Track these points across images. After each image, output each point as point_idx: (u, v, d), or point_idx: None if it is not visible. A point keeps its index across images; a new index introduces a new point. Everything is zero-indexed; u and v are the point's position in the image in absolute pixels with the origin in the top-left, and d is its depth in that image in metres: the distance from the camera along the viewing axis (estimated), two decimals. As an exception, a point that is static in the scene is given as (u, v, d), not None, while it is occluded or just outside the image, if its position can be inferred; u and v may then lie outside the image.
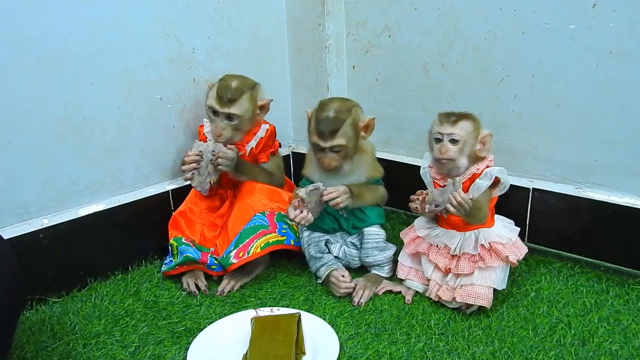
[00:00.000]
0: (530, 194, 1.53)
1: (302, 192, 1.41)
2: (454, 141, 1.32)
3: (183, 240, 1.53)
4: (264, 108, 1.59)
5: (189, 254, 1.48)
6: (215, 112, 1.53)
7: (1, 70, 1.31)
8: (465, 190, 1.31)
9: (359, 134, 1.46)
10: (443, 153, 1.32)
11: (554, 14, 1.41)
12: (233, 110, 1.51)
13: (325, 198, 1.41)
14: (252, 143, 1.59)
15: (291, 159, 1.99)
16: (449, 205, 1.28)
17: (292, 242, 1.51)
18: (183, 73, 1.65)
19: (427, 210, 1.35)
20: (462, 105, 1.61)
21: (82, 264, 1.49)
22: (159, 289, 1.49)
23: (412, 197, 1.38)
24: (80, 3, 1.40)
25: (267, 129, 1.61)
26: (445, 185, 1.32)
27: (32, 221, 1.42)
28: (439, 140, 1.34)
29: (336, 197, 1.40)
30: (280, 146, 1.68)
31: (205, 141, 1.54)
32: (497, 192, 1.37)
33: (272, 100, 1.60)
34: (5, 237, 1.19)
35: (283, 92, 1.96)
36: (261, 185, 1.57)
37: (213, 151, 1.49)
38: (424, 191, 1.37)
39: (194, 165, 1.48)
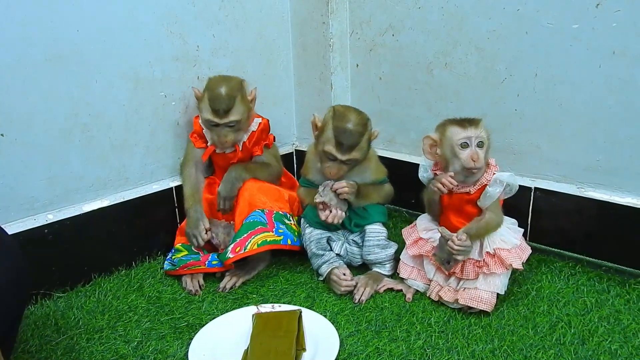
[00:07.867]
0: (532, 193, 1.54)
1: (318, 198, 1.46)
2: (481, 144, 1.30)
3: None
4: (254, 99, 1.60)
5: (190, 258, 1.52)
6: (215, 125, 1.53)
7: (9, 68, 1.32)
8: (478, 196, 1.32)
9: (370, 146, 1.48)
10: (476, 161, 1.28)
11: (558, 13, 1.41)
12: (232, 117, 1.51)
13: (335, 186, 1.44)
14: (244, 137, 1.59)
15: (294, 156, 2.00)
16: (457, 257, 1.30)
17: (290, 242, 1.51)
18: (188, 71, 1.66)
19: (445, 270, 1.36)
20: (465, 104, 1.62)
21: (87, 260, 1.51)
22: (162, 285, 1.50)
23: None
24: (86, 1, 1.41)
25: (260, 123, 1.61)
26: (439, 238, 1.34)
27: (38, 216, 1.43)
28: (465, 146, 1.30)
29: (344, 187, 1.43)
30: (274, 140, 1.68)
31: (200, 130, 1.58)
32: (504, 196, 1.34)
33: (255, 88, 1.60)
34: (10, 232, 1.21)
35: (287, 90, 1.97)
36: (262, 184, 1.58)
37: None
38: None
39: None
